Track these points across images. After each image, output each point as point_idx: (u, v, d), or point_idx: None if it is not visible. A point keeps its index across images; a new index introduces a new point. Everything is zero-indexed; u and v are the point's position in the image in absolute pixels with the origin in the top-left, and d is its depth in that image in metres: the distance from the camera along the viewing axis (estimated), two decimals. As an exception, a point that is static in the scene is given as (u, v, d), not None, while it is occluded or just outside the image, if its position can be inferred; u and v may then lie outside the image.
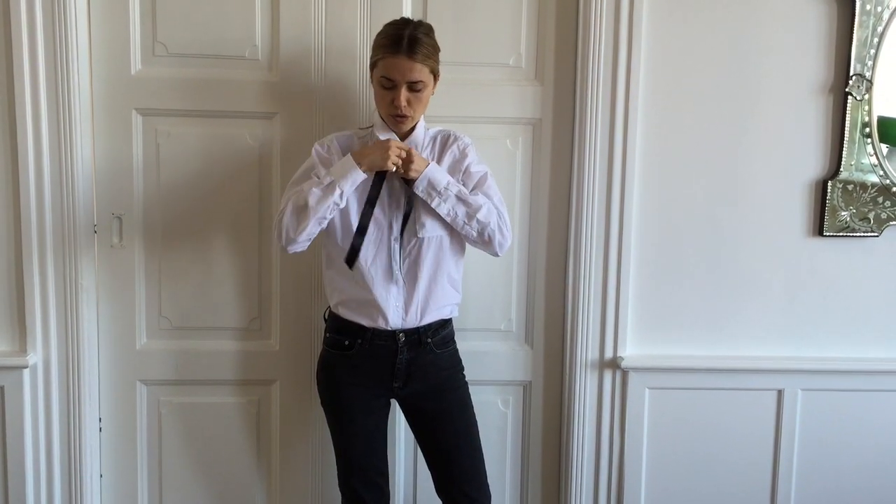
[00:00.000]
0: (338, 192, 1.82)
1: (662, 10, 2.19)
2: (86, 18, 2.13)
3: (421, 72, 1.82)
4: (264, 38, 2.19)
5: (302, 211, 1.83)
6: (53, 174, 2.12)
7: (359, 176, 1.83)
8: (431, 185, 1.86)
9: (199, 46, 2.17)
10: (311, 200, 1.81)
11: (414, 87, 1.83)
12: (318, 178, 1.86)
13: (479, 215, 1.89)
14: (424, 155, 1.93)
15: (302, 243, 1.88)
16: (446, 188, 1.87)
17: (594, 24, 2.15)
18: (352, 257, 1.88)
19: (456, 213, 1.88)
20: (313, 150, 1.95)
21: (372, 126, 1.97)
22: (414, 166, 1.84)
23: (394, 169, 1.84)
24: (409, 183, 1.88)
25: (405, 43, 1.79)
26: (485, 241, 1.93)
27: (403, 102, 1.82)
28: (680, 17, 2.20)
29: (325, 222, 1.86)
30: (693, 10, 2.19)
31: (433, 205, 1.87)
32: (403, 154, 1.83)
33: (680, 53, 2.21)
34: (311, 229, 1.85)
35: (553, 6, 2.22)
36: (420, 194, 1.87)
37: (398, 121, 1.87)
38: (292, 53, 2.18)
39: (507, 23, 2.22)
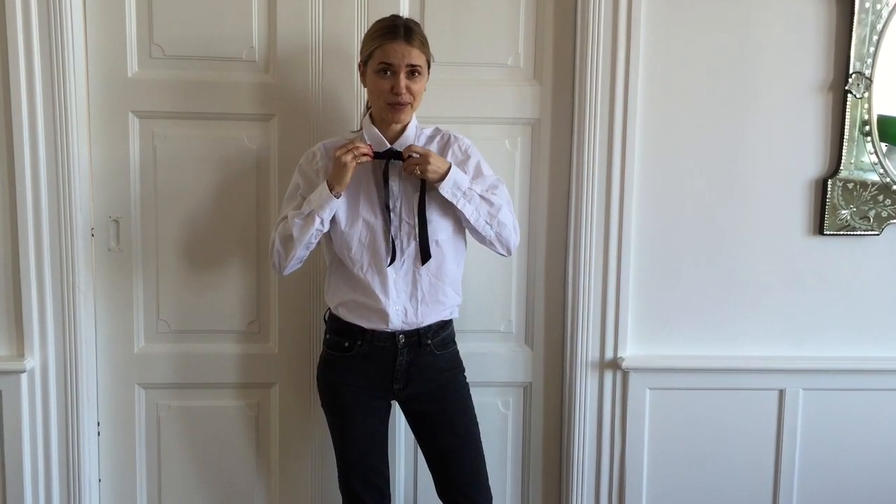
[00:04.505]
0: (318, 220, 1.85)
1: (661, 8, 2.18)
2: (82, 20, 2.13)
3: (419, 57, 1.83)
4: (261, 40, 2.18)
5: (288, 241, 1.89)
6: (50, 177, 2.11)
7: (335, 202, 1.85)
8: (457, 186, 1.85)
9: (196, 48, 2.16)
10: (295, 231, 1.87)
11: (413, 71, 1.82)
12: (303, 197, 1.91)
13: (501, 215, 1.90)
14: None
15: (293, 266, 1.94)
16: (470, 188, 1.87)
17: (593, 23, 2.15)
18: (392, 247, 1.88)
19: (479, 213, 1.89)
20: (298, 166, 1.97)
21: (361, 129, 1.96)
22: (431, 167, 1.82)
23: (354, 163, 1.81)
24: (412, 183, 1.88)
25: (401, 30, 1.81)
26: (501, 241, 1.94)
27: (403, 88, 1.81)
28: (678, 15, 2.19)
29: (313, 245, 1.90)
30: (692, 8, 2.19)
31: (459, 205, 1.86)
32: (357, 152, 1.82)
33: (678, 52, 2.20)
34: (300, 254, 1.91)
35: (551, 5, 2.21)
36: (446, 196, 1.85)
37: (398, 109, 1.84)
38: (289, 55, 2.17)
39: (505, 22, 2.21)
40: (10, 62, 2.06)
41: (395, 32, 1.80)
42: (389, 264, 1.88)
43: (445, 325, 2.00)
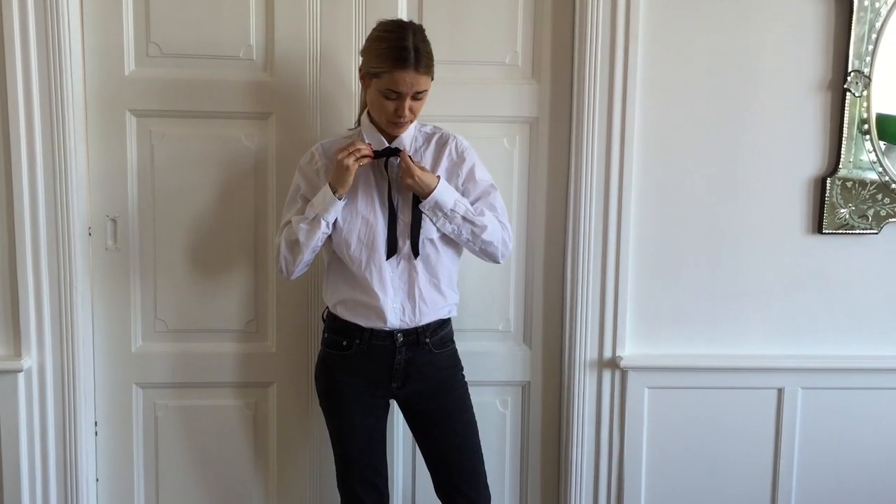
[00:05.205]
0: (323, 224, 1.86)
1: (659, 6, 2.17)
2: (79, 19, 2.12)
3: (426, 83, 1.82)
4: (259, 38, 2.17)
5: (295, 246, 1.90)
6: (47, 176, 2.10)
7: (339, 204, 1.86)
8: (438, 206, 1.86)
9: (193, 46, 2.16)
10: (301, 236, 1.88)
11: (418, 96, 1.82)
12: (305, 198, 1.92)
13: (485, 235, 1.90)
14: (417, 156, 1.92)
15: (301, 271, 1.96)
16: (453, 210, 1.87)
17: (591, 21, 2.14)
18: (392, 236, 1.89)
19: (461, 231, 1.90)
20: (298, 168, 1.97)
21: (359, 127, 1.96)
22: (414, 180, 1.82)
23: (356, 165, 1.83)
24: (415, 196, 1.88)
25: (412, 56, 1.76)
26: (486, 255, 1.95)
27: (407, 110, 1.82)
28: (677, 13, 2.18)
29: (319, 248, 1.92)
30: (690, 6, 2.18)
31: (437, 224, 1.88)
32: (358, 154, 1.82)
33: (677, 50, 2.20)
34: (307, 258, 1.92)
35: (549, 3, 2.21)
36: (426, 213, 1.87)
37: (399, 125, 1.86)
38: (287, 53, 2.17)
39: (504, 21, 2.21)
40: (6, 60, 2.05)
41: (405, 60, 1.75)
42: (388, 258, 1.88)
43: (444, 324, 2.00)
